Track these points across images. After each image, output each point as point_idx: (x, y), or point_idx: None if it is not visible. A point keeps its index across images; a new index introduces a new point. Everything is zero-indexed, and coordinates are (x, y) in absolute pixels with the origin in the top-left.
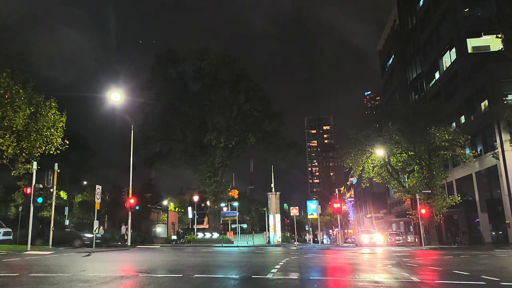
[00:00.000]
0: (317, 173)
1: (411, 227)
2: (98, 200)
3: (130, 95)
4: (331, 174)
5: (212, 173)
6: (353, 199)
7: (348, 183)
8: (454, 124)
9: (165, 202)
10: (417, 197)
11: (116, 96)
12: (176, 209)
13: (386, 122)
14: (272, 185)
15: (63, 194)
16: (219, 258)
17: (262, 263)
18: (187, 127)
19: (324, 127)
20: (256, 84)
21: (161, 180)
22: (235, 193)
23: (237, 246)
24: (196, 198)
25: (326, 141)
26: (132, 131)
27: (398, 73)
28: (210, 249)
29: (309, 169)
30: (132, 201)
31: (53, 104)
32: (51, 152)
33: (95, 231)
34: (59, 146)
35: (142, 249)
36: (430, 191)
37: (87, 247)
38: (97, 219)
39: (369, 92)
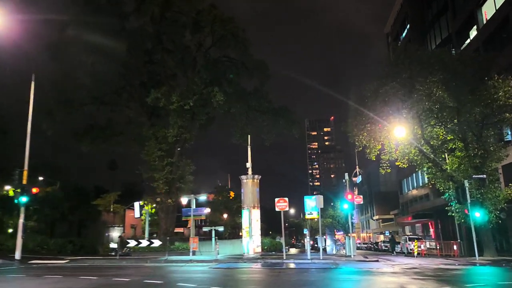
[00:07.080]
0: (318, 176)
1: (430, 230)
2: None
3: (32, 28)
4: (332, 176)
5: (165, 151)
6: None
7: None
8: None
9: (140, 202)
10: (466, 184)
11: None
12: (153, 210)
13: (422, 71)
14: (248, 164)
15: None
16: None
17: None
18: (130, 85)
19: (325, 129)
20: (227, 16)
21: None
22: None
23: (190, 261)
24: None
25: (326, 143)
26: (32, 83)
27: (416, 43)
28: (112, 271)
29: (310, 171)
30: (30, 191)
31: None
32: None
33: None
34: None
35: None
36: (485, 176)
37: None
38: None
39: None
